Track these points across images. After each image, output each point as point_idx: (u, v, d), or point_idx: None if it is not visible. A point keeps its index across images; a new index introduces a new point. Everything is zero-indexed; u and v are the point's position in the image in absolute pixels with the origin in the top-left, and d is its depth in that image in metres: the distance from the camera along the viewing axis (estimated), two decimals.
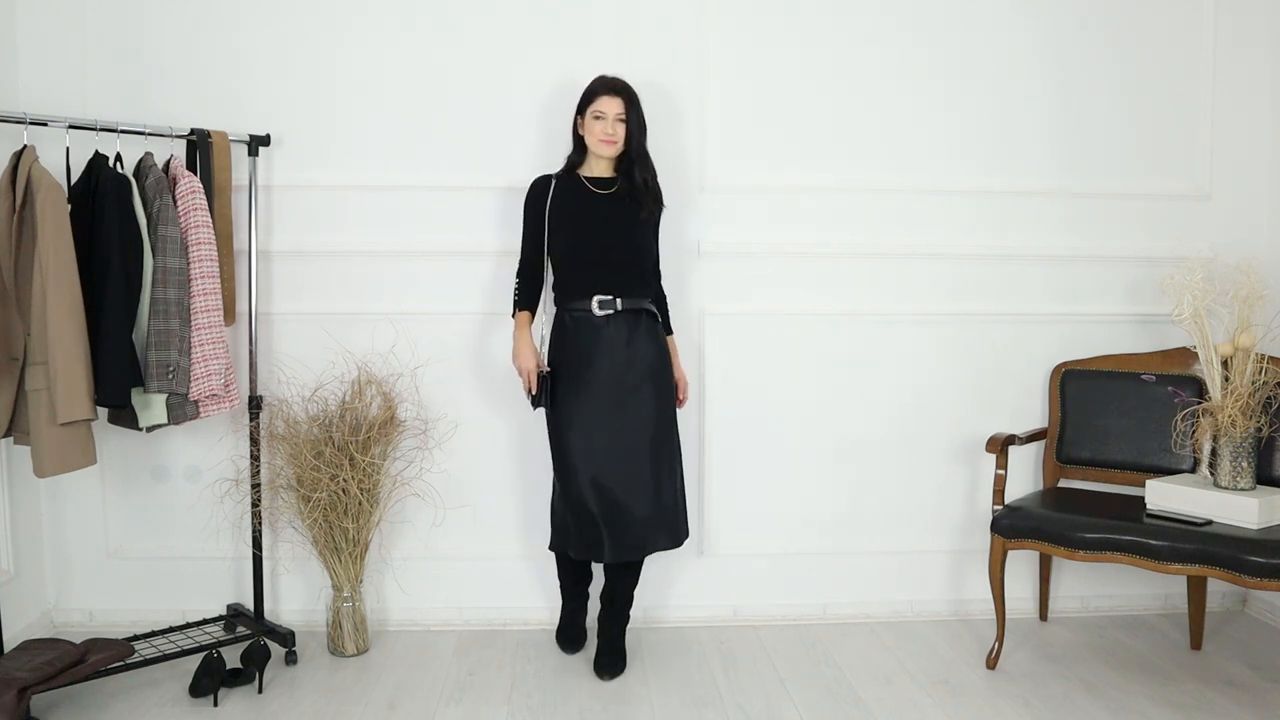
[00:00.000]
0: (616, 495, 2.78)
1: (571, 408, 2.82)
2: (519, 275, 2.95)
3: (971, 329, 3.36)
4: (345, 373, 3.14)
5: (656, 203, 2.91)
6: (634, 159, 2.86)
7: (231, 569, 3.27)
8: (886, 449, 3.38)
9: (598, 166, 2.91)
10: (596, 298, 2.83)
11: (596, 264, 2.84)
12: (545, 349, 2.90)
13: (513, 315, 2.94)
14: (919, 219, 3.32)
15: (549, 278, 2.95)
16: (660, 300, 3.03)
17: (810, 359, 3.33)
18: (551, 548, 3.05)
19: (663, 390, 2.89)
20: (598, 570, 3.15)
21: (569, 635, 3.09)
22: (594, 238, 2.85)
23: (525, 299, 2.93)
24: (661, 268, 3.06)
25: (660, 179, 2.97)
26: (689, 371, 3.27)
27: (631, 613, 3.04)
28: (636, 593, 3.00)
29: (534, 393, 2.83)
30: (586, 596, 3.14)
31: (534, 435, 3.17)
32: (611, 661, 2.91)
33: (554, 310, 2.91)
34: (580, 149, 2.92)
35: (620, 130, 2.83)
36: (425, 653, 3.10)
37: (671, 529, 2.86)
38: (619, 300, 2.83)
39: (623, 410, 2.81)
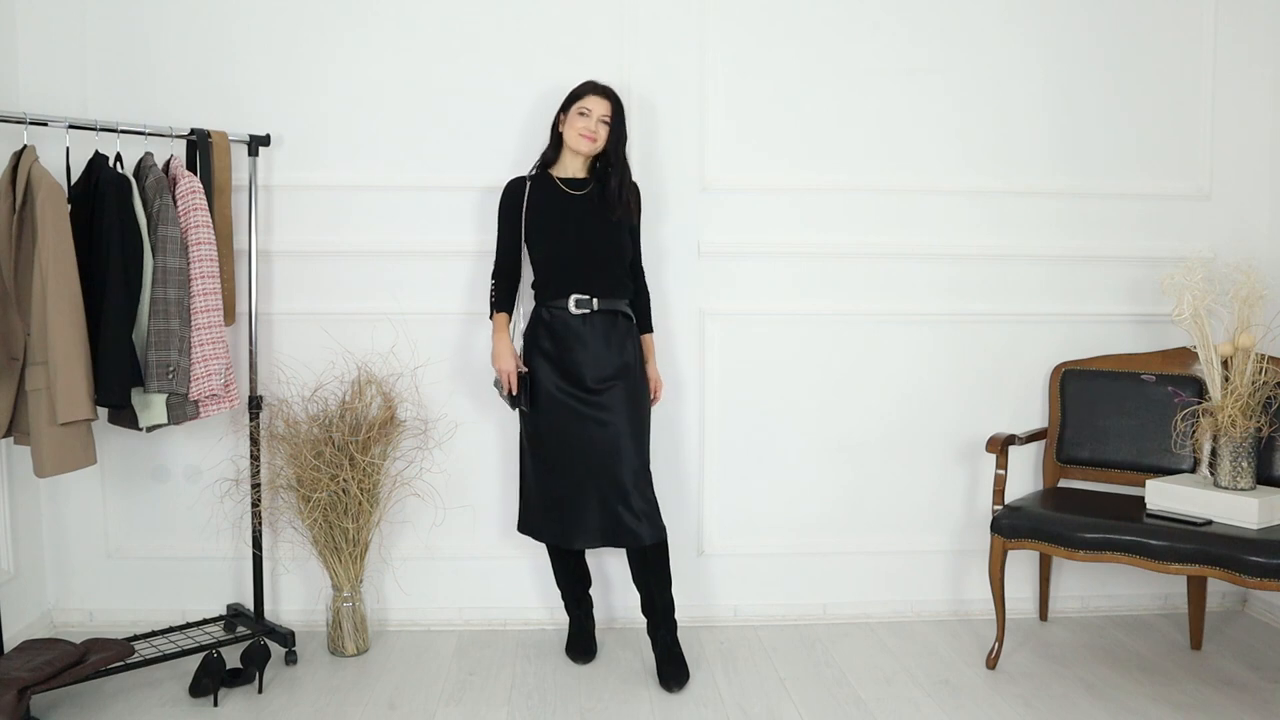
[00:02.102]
0: (573, 486, 2.81)
1: (541, 399, 2.84)
2: (495, 277, 2.95)
3: (971, 329, 3.36)
4: (345, 373, 3.14)
5: (628, 211, 2.88)
6: (612, 165, 2.86)
7: (231, 569, 3.27)
8: (886, 449, 3.38)
9: (571, 166, 2.91)
10: (574, 296, 2.84)
11: (575, 263, 2.85)
12: (520, 345, 2.92)
13: (490, 317, 2.96)
14: (919, 219, 3.32)
15: (527, 277, 2.96)
16: (640, 299, 2.99)
17: (810, 359, 3.33)
18: (519, 529, 3.02)
19: (634, 391, 2.87)
20: (597, 573, 3.14)
21: (579, 646, 3.07)
22: (572, 238, 2.86)
23: (502, 301, 2.94)
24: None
25: (660, 179, 2.97)
26: (690, 371, 3.27)
27: (661, 615, 2.93)
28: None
29: (514, 394, 2.85)
30: (589, 604, 3.13)
31: None
32: (673, 671, 2.84)
33: (532, 306, 2.92)
34: (556, 146, 2.92)
35: (603, 131, 2.83)
36: (425, 653, 3.10)
37: (625, 529, 2.79)
38: (595, 300, 2.84)
39: (592, 407, 2.81)
